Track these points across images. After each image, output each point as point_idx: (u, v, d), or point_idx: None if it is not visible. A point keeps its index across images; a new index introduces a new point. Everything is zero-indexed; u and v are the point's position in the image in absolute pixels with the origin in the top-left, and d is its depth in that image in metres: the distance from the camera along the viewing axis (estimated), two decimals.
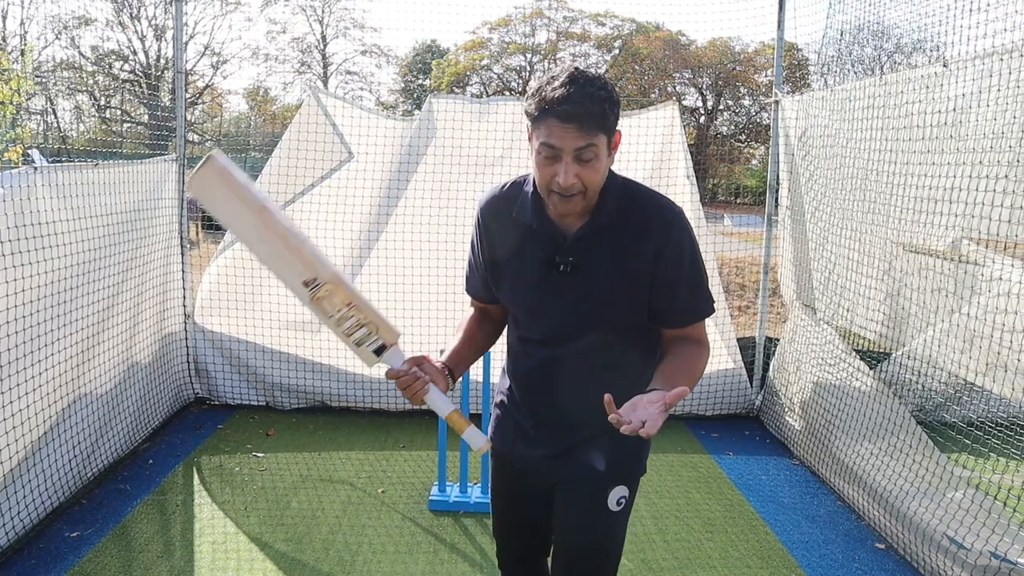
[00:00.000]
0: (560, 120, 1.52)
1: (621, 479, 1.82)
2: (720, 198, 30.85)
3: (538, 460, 1.87)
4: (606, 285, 1.69)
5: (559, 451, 1.83)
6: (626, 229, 1.68)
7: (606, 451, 1.80)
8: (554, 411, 1.83)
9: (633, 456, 1.85)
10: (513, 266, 1.79)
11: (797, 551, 3.43)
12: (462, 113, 5.04)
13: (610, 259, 1.68)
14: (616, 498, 1.81)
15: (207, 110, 36.41)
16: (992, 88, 2.85)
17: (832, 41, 4.53)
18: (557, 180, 1.56)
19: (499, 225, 1.80)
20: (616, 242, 1.68)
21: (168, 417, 4.78)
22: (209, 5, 33.72)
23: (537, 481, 1.91)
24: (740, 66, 35.04)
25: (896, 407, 3.62)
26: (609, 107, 1.55)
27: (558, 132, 1.53)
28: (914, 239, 3.41)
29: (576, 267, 1.69)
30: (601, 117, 1.54)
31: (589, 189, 1.60)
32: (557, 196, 1.60)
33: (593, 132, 1.53)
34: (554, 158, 1.56)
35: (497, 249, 1.82)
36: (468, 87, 36.95)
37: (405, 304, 5.07)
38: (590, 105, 1.52)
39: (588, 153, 1.55)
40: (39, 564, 3.07)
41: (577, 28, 36.47)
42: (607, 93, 1.55)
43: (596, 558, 1.86)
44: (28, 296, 3.09)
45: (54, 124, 27.61)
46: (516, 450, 1.91)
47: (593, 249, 1.68)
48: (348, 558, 3.24)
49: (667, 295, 1.70)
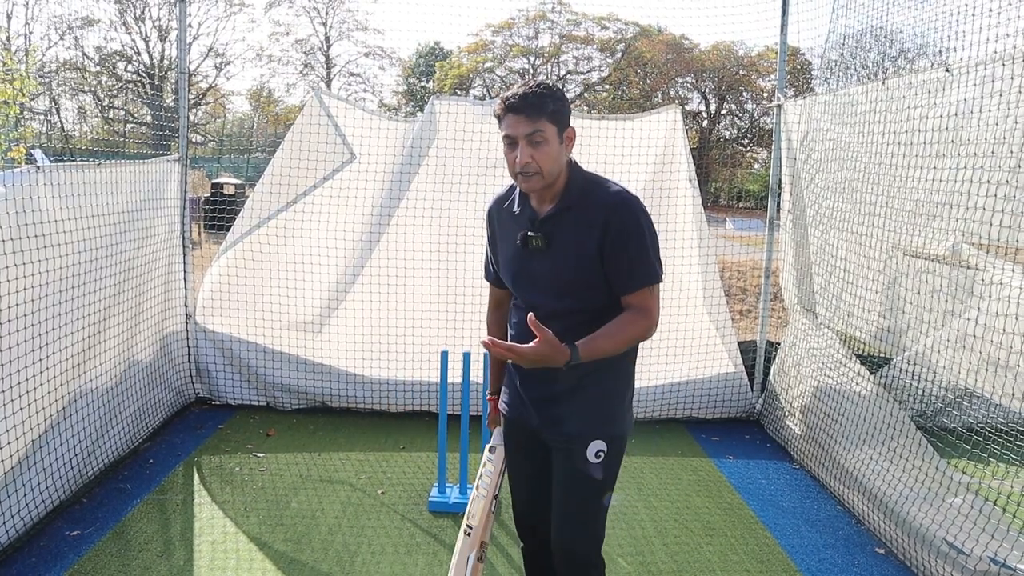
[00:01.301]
0: (513, 112, 1.98)
1: (596, 435, 2.13)
2: (722, 202, 30.81)
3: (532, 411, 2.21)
4: (569, 257, 2.05)
5: (544, 402, 2.17)
6: (585, 211, 2.05)
7: (583, 409, 2.13)
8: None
9: (607, 413, 2.15)
10: (505, 245, 2.22)
11: (796, 555, 3.43)
12: (464, 115, 5.04)
13: (572, 236, 2.06)
14: (595, 451, 2.12)
15: (210, 111, 36.49)
16: (994, 93, 2.85)
17: (835, 45, 4.54)
18: (516, 162, 1.99)
19: (499, 216, 2.25)
20: (576, 222, 2.06)
21: (169, 417, 4.78)
22: (213, 6, 33.85)
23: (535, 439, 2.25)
24: (743, 70, 35.04)
25: (896, 412, 3.61)
26: (550, 100, 1.98)
27: (512, 123, 1.98)
28: (915, 244, 3.41)
29: (546, 242, 2.08)
30: (541, 107, 1.96)
31: (544, 169, 1.99)
32: (521, 177, 2.02)
33: (538, 119, 1.96)
34: (512, 144, 2.00)
35: (497, 235, 2.27)
36: (471, 89, 36.98)
37: (406, 304, 5.08)
38: (533, 99, 1.97)
39: (537, 137, 1.97)
40: (39, 562, 3.08)
41: (580, 31, 36.48)
42: (549, 91, 2.00)
43: (583, 495, 2.17)
44: (30, 295, 3.10)
45: (58, 124, 27.68)
46: (518, 414, 2.27)
47: (558, 228, 2.07)
48: (347, 558, 3.24)
49: (614, 265, 2.04)
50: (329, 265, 5.03)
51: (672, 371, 5.13)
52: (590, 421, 2.12)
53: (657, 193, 5.06)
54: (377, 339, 5.08)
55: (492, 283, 2.40)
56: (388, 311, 5.07)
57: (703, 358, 5.14)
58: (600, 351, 1.97)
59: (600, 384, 2.12)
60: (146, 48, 32.99)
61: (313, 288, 5.02)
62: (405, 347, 5.09)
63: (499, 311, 2.41)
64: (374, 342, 5.08)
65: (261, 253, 5.02)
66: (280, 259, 5.05)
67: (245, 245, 5.01)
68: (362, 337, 5.06)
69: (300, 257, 5.02)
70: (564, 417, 2.13)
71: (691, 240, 5.05)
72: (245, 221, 5.00)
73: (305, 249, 5.01)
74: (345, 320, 5.07)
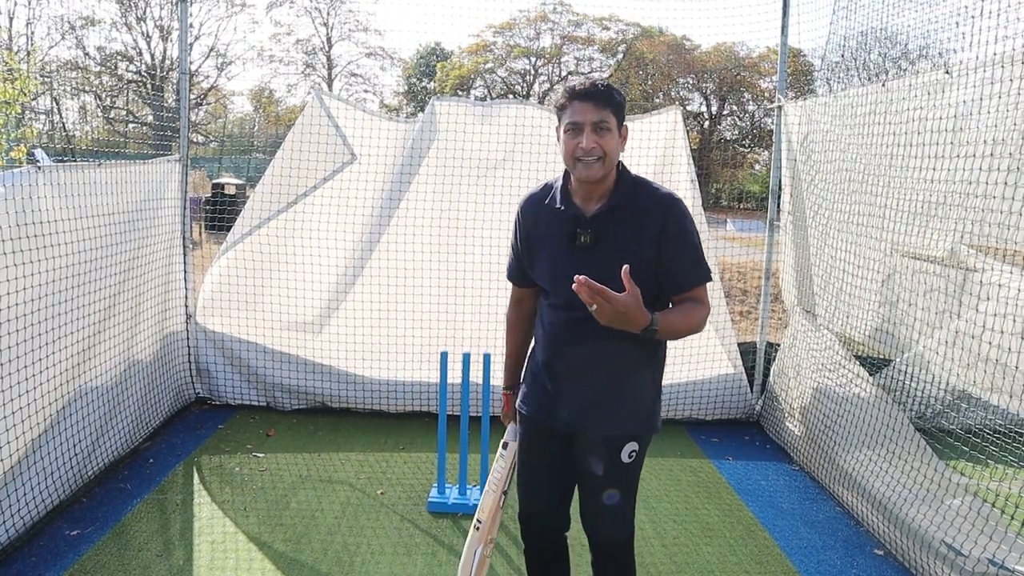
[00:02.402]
0: (580, 100, 2.03)
1: (632, 435, 2.16)
2: (723, 203, 30.83)
3: (565, 416, 2.19)
4: (619, 256, 2.02)
5: (579, 410, 2.16)
6: (637, 211, 2.08)
7: (619, 413, 2.14)
8: (574, 367, 2.16)
9: (644, 416, 2.18)
10: (545, 242, 2.19)
11: (795, 556, 3.43)
12: (465, 116, 5.04)
13: (623, 235, 2.07)
14: (628, 452, 2.16)
15: (211, 111, 36.53)
16: (994, 95, 2.85)
17: (836, 47, 4.54)
18: (580, 146, 2.00)
19: (534, 214, 2.23)
20: (628, 221, 2.07)
21: (169, 416, 4.79)
22: (215, 7, 33.88)
23: (561, 441, 2.24)
24: (744, 71, 35.04)
25: (895, 413, 3.62)
26: (616, 93, 2.05)
27: (579, 109, 2.02)
28: (914, 245, 3.41)
29: (595, 240, 2.08)
30: (609, 98, 2.03)
31: (607, 155, 2.02)
32: (581, 163, 2.03)
33: (605, 109, 2.02)
34: (577, 131, 2.03)
35: (532, 233, 2.23)
36: (472, 90, 37.00)
37: (406, 305, 5.09)
38: (602, 88, 2.04)
39: (603, 125, 2.02)
40: (39, 561, 3.08)
41: (581, 32, 36.51)
42: (613, 87, 2.07)
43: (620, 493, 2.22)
44: (30, 295, 3.11)
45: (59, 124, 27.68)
46: (543, 413, 2.24)
47: (608, 226, 2.08)
48: (347, 559, 3.24)
49: (675, 262, 2.07)
50: (329, 265, 5.03)
51: (672, 372, 5.13)
52: (629, 422, 2.16)
53: None
54: (377, 340, 5.09)
55: (515, 283, 2.39)
56: (388, 312, 5.08)
57: (703, 359, 5.15)
58: (672, 329, 2.01)
59: (639, 385, 2.15)
60: (147, 48, 33.05)
61: (313, 288, 5.03)
62: (405, 348, 5.10)
63: (520, 308, 2.41)
64: (374, 343, 5.08)
65: (262, 253, 5.03)
66: (281, 259, 5.05)
67: (246, 245, 5.02)
68: (362, 338, 5.06)
69: (300, 257, 5.03)
70: (604, 418, 2.15)
71: None
72: (246, 221, 5.01)
73: (306, 249, 5.02)
74: (345, 320, 5.07)
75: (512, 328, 2.44)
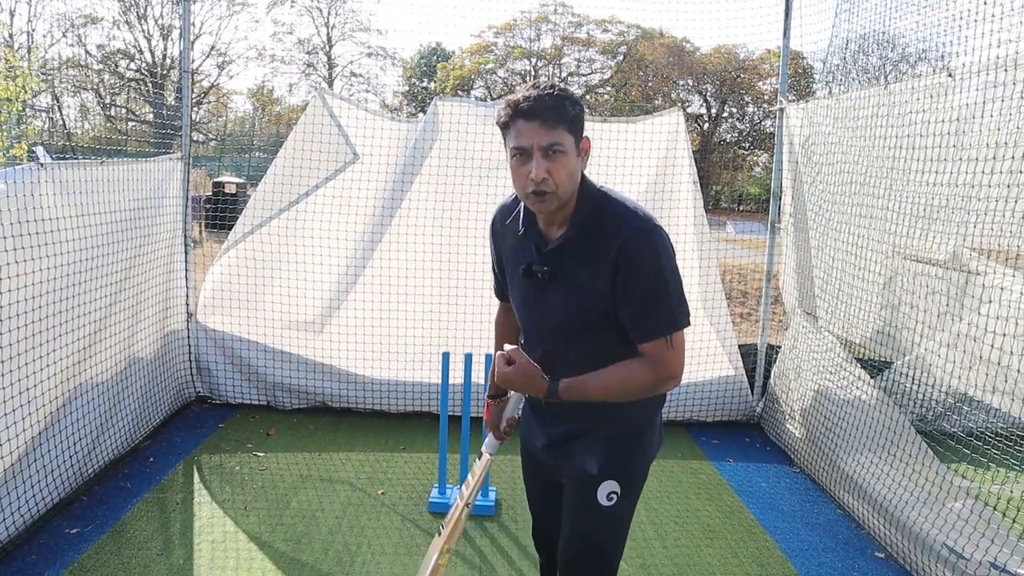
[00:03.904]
0: (525, 119, 1.66)
1: (610, 474, 1.89)
2: (723, 205, 30.87)
3: (541, 449, 2.03)
4: (576, 294, 1.78)
5: (554, 442, 1.97)
6: (593, 241, 1.75)
7: (595, 449, 1.90)
8: (547, 404, 1.91)
9: (623, 453, 1.91)
10: (511, 267, 1.95)
11: (796, 559, 3.43)
12: (467, 116, 5.05)
13: (579, 270, 1.78)
14: (606, 493, 1.88)
15: (212, 110, 36.51)
16: (996, 99, 2.85)
17: (838, 50, 4.54)
18: (530, 177, 1.67)
19: (503, 231, 1.97)
20: (584, 254, 1.77)
21: (169, 415, 4.78)
22: (216, 5, 33.88)
23: (545, 470, 2.08)
24: (744, 73, 35.04)
25: (896, 416, 3.62)
26: (569, 104, 1.68)
27: (524, 131, 1.67)
28: (916, 248, 3.42)
29: (553, 276, 1.80)
30: (560, 111, 1.66)
31: (560, 188, 1.69)
32: (533, 196, 1.71)
33: (555, 127, 1.66)
34: (524, 157, 1.69)
35: (502, 250, 2.00)
36: (472, 91, 37.00)
37: (407, 305, 5.08)
38: (549, 102, 1.66)
39: (555, 148, 1.67)
40: (39, 560, 3.08)
41: (582, 33, 36.50)
42: (565, 94, 1.69)
43: (587, 551, 1.94)
44: (31, 292, 3.10)
45: (60, 122, 27.68)
46: (529, 436, 2.10)
47: (565, 260, 1.79)
48: (347, 559, 3.24)
49: (625, 308, 1.75)
50: (331, 265, 5.03)
51: None
52: (602, 462, 1.89)
53: (659, 196, 5.07)
54: (378, 339, 5.09)
55: (502, 301, 2.19)
56: (389, 312, 5.07)
57: (704, 361, 5.15)
58: (586, 394, 1.77)
59: (610, 426, 1.89)
60: (148, 46, 33.04)
61: (315, 288, 5.03)
62: (406, 348, 5.10)
63: (508, 314, 2.17)
64: (375, 342, 5.08)
65: (263, 252, 5.02)
66: (282, 259, 5.05)
67: (247, 244, 5.02)
68: (363, 337, 5.06)
69: (302, 257, 5.03)
70: (574, 455, 1.93)
71: (692, 243, 5.06)
72: (247, 220, 5.01)
73: (307, 249, 5.02)
74: (346, 320, 5.07)
75: (500, 335, 2.23)
